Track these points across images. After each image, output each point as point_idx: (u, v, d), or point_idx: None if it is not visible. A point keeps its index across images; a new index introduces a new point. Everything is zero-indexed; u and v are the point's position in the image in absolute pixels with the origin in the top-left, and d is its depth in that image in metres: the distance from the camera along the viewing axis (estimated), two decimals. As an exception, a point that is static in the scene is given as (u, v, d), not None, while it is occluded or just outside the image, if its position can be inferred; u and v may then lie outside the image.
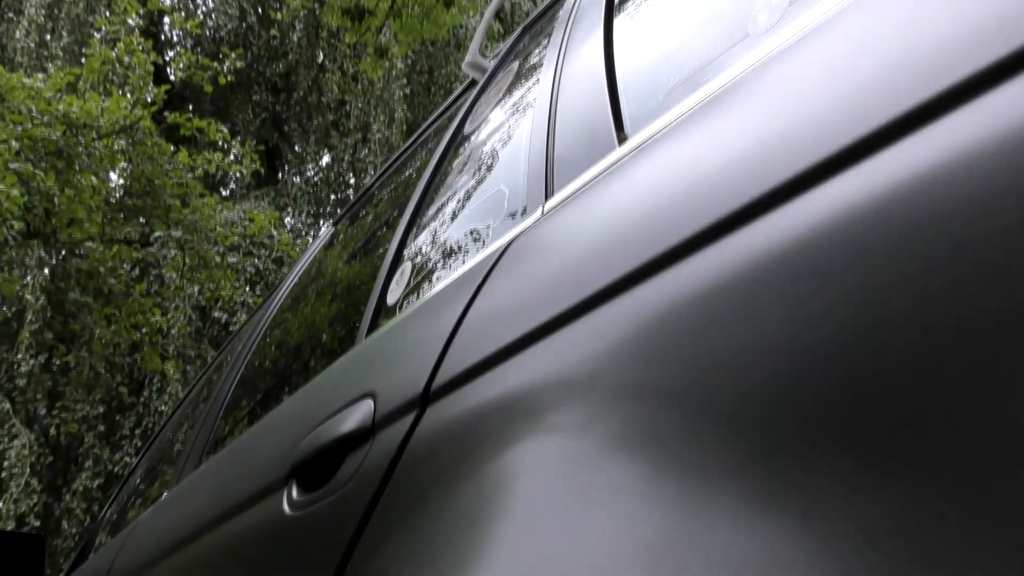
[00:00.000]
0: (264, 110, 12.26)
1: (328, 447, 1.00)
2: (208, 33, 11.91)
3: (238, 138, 10.85)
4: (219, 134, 8.20)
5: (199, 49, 11.45)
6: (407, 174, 1.64)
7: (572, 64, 1.11)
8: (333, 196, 11.91)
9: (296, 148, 12.46)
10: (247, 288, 9.45)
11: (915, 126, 0.48)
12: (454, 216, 1.29)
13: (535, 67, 1.29)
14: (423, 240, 1.32)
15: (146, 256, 8.91)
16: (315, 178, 12.22)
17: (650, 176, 0.74)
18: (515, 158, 1.13)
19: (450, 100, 1.74)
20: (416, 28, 8.29)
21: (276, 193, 11.93)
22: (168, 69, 11.18)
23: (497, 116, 1.35)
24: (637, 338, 0.63)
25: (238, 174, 9.54)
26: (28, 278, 8.97)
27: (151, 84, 8.14)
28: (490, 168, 1.27)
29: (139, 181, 7.89)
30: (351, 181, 11.91)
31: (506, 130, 1.28)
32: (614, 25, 1.10)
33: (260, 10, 12.15)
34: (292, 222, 11.70)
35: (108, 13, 10.32)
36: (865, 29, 0.57)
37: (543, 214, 0.92)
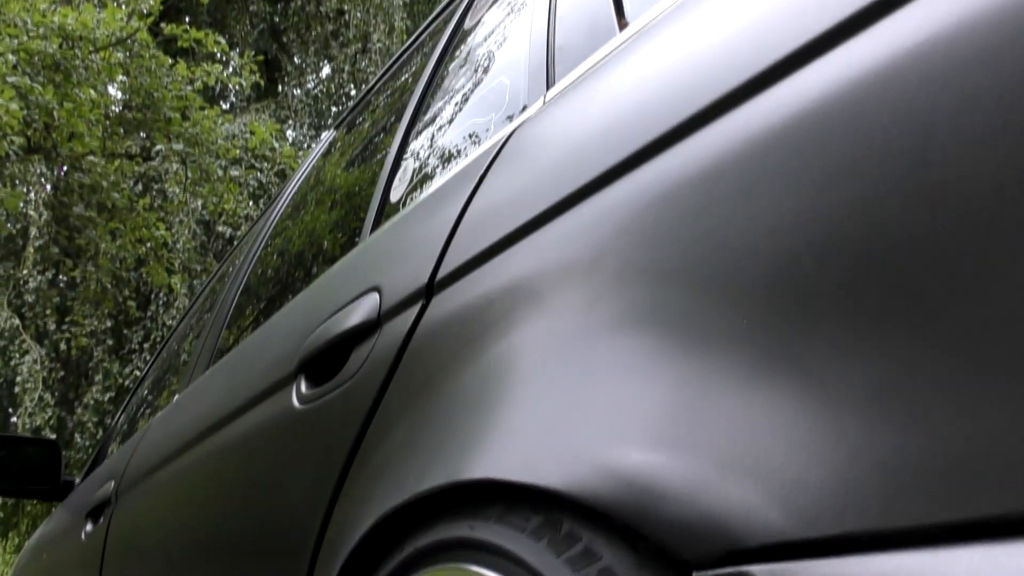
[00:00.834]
0: (262, 20, 12.05)
1: (335, 341, 1.01)
2: (202, -59, 11.64)
3: (236, 49, 10.68)
4: (217, 45, 8.07)
5: (193, -43, 11.20)
6: (408, 74, 1.63)
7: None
8: (334, 108, 11.79)
9: (295, 59, 12.28)
10: (250, 202, 9.42)
11: None
12: (456, 111, 1.28)
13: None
14: (425, 137, 1.31)
15: (148, 170, 8.86)
16: (315, 90, 12.07)
17: (651, 60, 0.74)
18: (515, 50, 1.12)
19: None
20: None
21: (276, 106, 11.79)
22: (163, -21, 10.96)
23: (496, 10, 1.33)
24: (640, 220, 0.63)
25: (237, 87, 9.44)
26: (31, 194, 8.95)
27: (146, -6, 8.00)
28: (491, 62, 1.25)
29: (138, 94, 7.81)
30: (351, 92, 11.77)
31: (506, 23, 1.26)
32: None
33: (255, -84, 11.86)
34: (294, 135, 11.60)
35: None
36: None
37: (544, 104, 0.92)
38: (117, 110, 8.26)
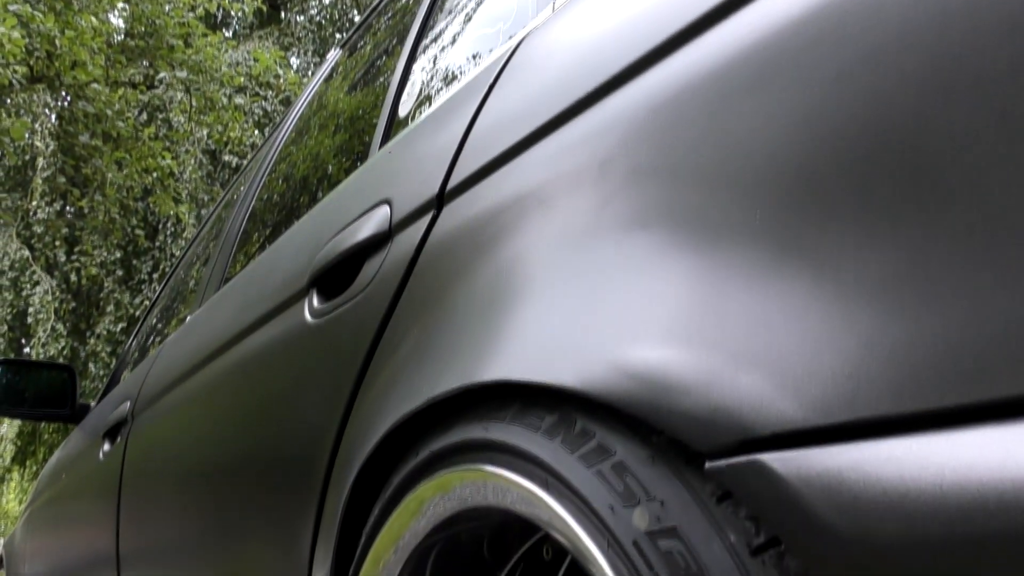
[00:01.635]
0: (263, -56, 11.85)
1: (346, 255, 1.02)
2: None
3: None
4: (218, -31, 7.97)
5: None
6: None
7: None
8: (338, 35, 11.64)
9: (298, -16, 12.10)
10: (256, 131, 9.38)
11: None
12: (464, 23, 1.26)
13: None
14: (433, 51, 1.30)
15: (152, 99, 8.81)
16: (319, 16, 11.91)
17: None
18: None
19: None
20: None
21: (280, 33, 11.66)
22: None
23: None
24: (651, 122, 0.63)
25: (240, 13, 9.32)
26: (37, 124, 8.91)
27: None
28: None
29: (140, 21, 7.74)
30: (355, 18, 11.61)
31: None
32: None
33: None
34: (298, 62, 11.47)
35: None
36: None
37: (553, 11, 0.90)
38: (119, 38, 8.18)
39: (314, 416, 0.98)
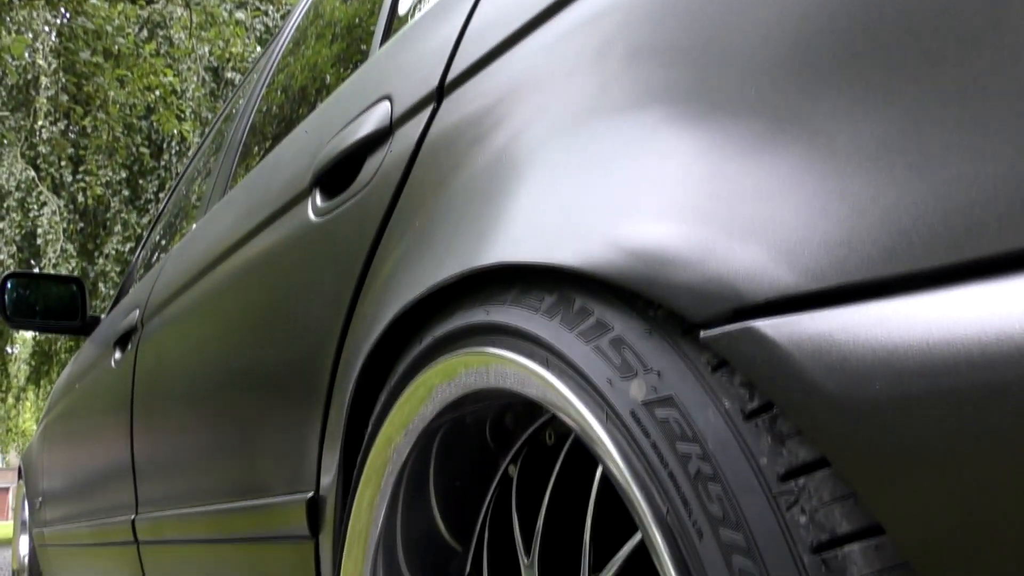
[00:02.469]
0: None
1: (348, 152, 1.02)
2: None
3: None
4: None
5: None
6: None
7: None
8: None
9: None
10: (257, 47, 9.26)
11: None
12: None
13: None
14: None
15: (152, 14, 8.69)
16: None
17: None
18: None
19: None
20: None
21: (280, -55, 11.43)
22: None
23: None
24: (648, 3, 0.63)
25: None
26: (37, 42, 8.81)
27: None
28: None
29: (136, -67, 7.59)
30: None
31: None
32: None
33: None
34: (299, -24, 11.27)
35: None
36: None
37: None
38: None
39: (320, 312, 0.99)
